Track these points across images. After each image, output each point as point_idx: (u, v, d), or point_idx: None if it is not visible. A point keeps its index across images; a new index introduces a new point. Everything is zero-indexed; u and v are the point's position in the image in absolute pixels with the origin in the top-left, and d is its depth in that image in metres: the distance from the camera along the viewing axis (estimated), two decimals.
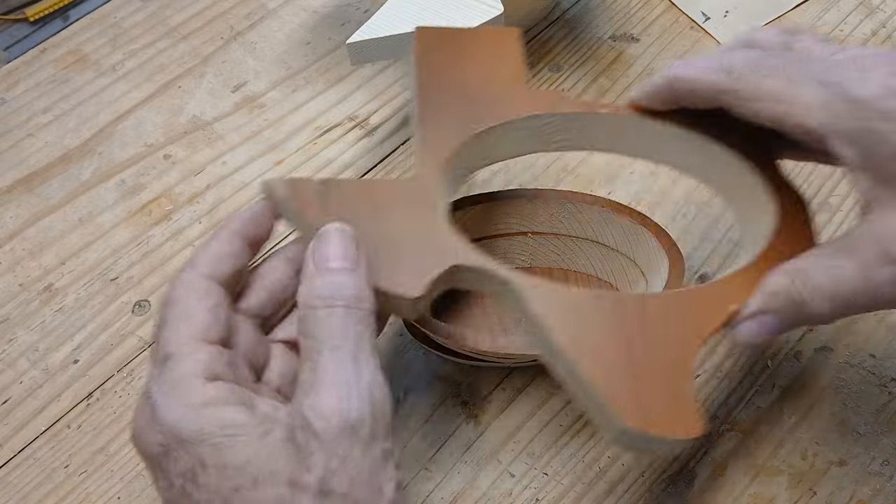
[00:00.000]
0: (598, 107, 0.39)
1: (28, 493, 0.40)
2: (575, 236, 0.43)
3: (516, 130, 0.39)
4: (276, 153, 0.51)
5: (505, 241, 0.43)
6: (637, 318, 0.32)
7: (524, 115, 0.38)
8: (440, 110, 0.38)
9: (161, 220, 0.49)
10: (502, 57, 0.40)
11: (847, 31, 0.54)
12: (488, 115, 0.38)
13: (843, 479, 0.39)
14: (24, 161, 0.52)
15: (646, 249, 0.41)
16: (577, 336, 0.31)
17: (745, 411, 0.41)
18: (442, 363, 0.42)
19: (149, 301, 0.46)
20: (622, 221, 0.42)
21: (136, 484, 0.40)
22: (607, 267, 0.43)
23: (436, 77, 0.39)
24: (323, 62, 0.55)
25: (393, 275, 0.32)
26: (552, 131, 0.39)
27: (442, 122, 0.38)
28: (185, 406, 0.28)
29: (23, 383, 0.44)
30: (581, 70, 0.54)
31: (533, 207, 0.43)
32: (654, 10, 0.56)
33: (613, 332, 0.31)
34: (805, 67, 0.31)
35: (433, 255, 0.33)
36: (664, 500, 0.39)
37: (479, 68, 0.40)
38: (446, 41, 0.41)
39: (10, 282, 0.47)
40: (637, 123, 0.38)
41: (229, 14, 0.58)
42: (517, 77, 0.40)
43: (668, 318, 0.32)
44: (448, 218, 0.35)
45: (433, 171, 0.36)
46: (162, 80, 0.55)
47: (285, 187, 0.33)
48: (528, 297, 0.32)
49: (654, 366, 0.31)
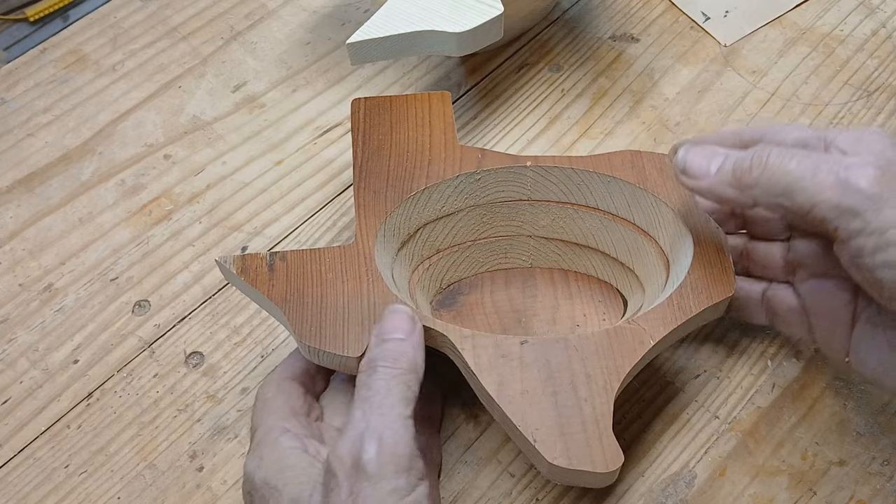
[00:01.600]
0: (523, 160, 0.42)
1: (28, 493, 0.40)
2: (576, 242, 0.43)
3: (449, 189, 0.42)
4: (276, 153, 0.51)
5: (505, 242, 0.44)
6: (561, 362, 0.35)
7: (455, 175, 0.41)
8: (376, 176, 0.41)
9: (161, 220, 0.49)
10: (434, 120, 0.44)
11: (847, 31, 0.54)
12: (421, 178, 0.41)
13: (843, 479, 0.39)
14: (24, 161, 0.52)
15: (644, 260, 0.41)
16: (506, 383, 0.34)
17: (745, 411, 0.41)
18: (443, 363, 0.42)
19: (149, 301, 0.46)
20: (623, 229, 0.42)
21: (136, 484, 0.40)
22: (607, 270, 0.43)
23: (371, 144, 0.43)
24: (323, 62, 0.55)
25: (338, 338, 0.36)
26: (483, 186, 0.42)
27: (378, 187, 0.41)
28: (258, 458, 0.34)
29: (23, 383, 0.44)
30: (581, 70, 0.54)
31: (534, 212, 0.43)
32: (654, 10, 0.56)
33: (539, 377, 0.34)
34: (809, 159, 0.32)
35: (372, 316, 0.36)
36: (664, 500, 0.39)
37: (411, 133, 0.43)
38: (380, 108, 0.44)
39: (10, 282, 0.47)
40: (560, 172, 0.42)
41: (229, 14, 0.58)
42: (448, 138, 0.43)
43: (589, 360, 0.35)
44: (400, 276, 0.39)
45: (372, 237, 0.39)
46: (162, 80, 0.55)
47: (235, 264, 0.37)
48: (461, 347, 0.35)
49: (577, 406, 0.34)
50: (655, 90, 0.53)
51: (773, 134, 0.36)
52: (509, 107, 0.52)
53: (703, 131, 0.50)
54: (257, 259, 0.38)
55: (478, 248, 0.43)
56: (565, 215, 0.43)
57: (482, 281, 0.43)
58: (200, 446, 0.41)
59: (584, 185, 0.42)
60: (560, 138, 0.51)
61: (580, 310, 0.42)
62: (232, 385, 0.43)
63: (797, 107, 0.51)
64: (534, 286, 0.43)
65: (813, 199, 0.31)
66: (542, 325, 0.41)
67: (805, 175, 0.31)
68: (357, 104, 0.44)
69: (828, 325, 0.37)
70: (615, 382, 0.34)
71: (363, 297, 0.37)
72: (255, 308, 0.45)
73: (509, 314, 0.42)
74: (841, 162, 0.31)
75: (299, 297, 0.37)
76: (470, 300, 0.43)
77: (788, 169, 0.32)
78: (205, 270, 0.47)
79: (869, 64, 0.53)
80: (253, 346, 0.44)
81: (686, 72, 0.53)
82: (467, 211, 0.42)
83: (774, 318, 0.39)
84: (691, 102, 0.52)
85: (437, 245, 0.42)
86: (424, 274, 0.42)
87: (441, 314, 0.42)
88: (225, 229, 0.48)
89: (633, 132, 0.51)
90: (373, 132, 0.43)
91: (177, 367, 0.44)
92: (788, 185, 0.32)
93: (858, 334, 0.36)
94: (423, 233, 0.42)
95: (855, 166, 0.31)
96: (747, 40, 0.55)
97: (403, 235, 0.41)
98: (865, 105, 0.51)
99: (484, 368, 0.35)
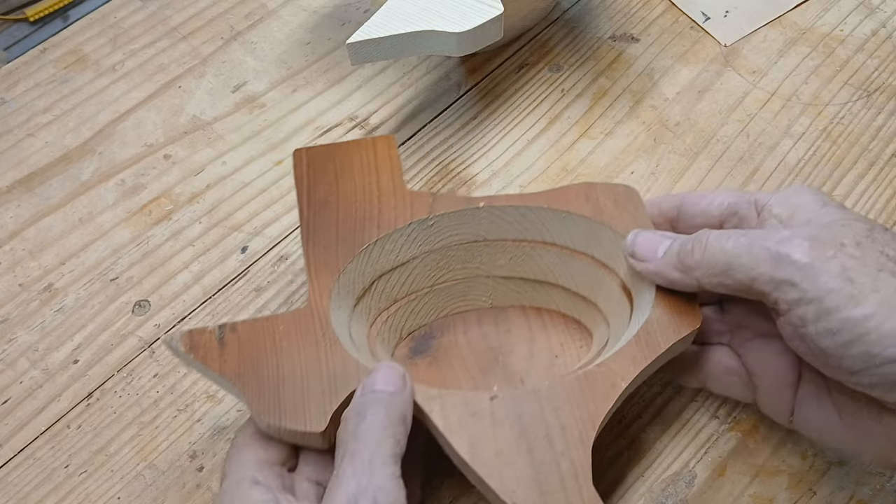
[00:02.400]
0: (475, 201, 0.41)
1: (28, 493, 0.40)
2: (535, 280, 0.42)
3: (402, 238, 0.40)
4: (276, 153, 0.51)
5: (464, 285, 0.42)
6: (533, 415, 0.33)
7: (407, 223, 0.40)
8: (325, 230, 0.39)
9: (161, 220, 0.49)
10: (380, 166, 0.42)
11: (847, 31, 0.54)
12: (373, 229, 0.39)
13: (843, 479, 0.39)
14: (24, 161, 0.52)
15: (607, 294, 0.40)
16: (478, 443, 0.32)
17: (745, 411, 0.41)
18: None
19: (149, 301, 0.46)
20: (582, 264, 0.41)
21: (136, 484, 0.40)
22: (569, 304, 0.42)
23: (317, 197, 0.41)
24: (323, 62, 0.55)
25: (298, 412, 0.33)
26: (437, 231, 0.41)
27: (328, 242, 0.39)
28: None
29: (23, 383, 0.44)
30: (581, 70, 0.54)
31: (491, 252, 0.42)
32: (654, 10, 0.56)
33: (512, 433, 0.33)
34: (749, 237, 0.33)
35: (333, 386, 0.34)
36: (664, 500, 0.39)
37: (358, 182, 0.41)
38: (324, 158, 0.42)
39: (10, 282, 0.47)
40: (514, 210, 0.41)
41: (229, 14, 0.58)
42: (396, 183, 0.41)
43: (562, 410, 0.33)
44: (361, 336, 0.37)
45: (326, 296, 0.37)
46: (162, 80, 0.55)
47: (183, 342, 0.35)
48: (429, 409, 0.33)
49: (554, 462, 0.32)
50: (655, 90, 0.53)
51: (695, 202, 0.38)
52: (509, 107, 0.52)
53: (703, 131, 0.50)
54: (206, 334, 0.35)
55: (435, 294, 0.42)
56: (523, 253, 0.41)
57: (454, 322, 0.42)
58: (200, 446, 0.41)
59: (540, 222, 0.41)
60: (560, 138, 0.51)
61: (556, 340, 0.41)
62: None
63: (797, 107, 0.51)
64: (507, 321, 0.42)
65: (750, 273, 0.32)
66: (520, 360, 0.40)
67: (741, 253, 0.32)
68: (299, 155, 0.42)
69: (771, 385, 0.36)
70: (591, 431, 0.33)
71: (322, 366, 0.35)
72: (256, 308, 0.45)
73: (486, 353, 0.40)
74: (773, 237, 0.32)
75: (254, 370, 0.34)
76: (444, 343, 0.41)
77: (725, 248, 0.33)
78: (205, 270, 0.47)
79: (869, 64, 0.53)
80: None
81: (686, 72, 0.53)
82: (422, 258, 0.41)
83: (709, 379, 0.38)
84: (691, 102, 0.52)
85: (394, 295, 0.41)
86: (383, 326, 0.40)
87: (416, 361, 0.40)
88: (225, 229, 0.48)
89: (633, 132, 0.51)
90: (318, 184, 0.41)
91: (177, 367, 0.44)
92: (727, 262, 0.33)
93: (803, 395, 0.35)
94: (379, 284, 0.40)
95: (787, 240, 0.32)
96: (747, 40, 0.55)
97: (359, 290, 0.39)
98: (865, 105, 0.51)
99: (454, 430, 0.33)
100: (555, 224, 0.40)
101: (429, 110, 0.53)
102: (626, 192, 0.40)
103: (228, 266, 0.47)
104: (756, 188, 0.48)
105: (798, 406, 0.36)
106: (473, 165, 0.50)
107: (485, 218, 0.41)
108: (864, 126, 0.50)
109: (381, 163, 0.42)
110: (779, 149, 0.50)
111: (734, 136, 0.50)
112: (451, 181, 0.49)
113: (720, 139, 0.50)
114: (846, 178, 0.48)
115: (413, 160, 0.50)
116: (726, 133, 0.50)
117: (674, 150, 0.50)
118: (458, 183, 0.49)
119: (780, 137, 0.50)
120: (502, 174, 0.49)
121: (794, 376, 0.36)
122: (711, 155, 0.49)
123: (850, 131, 0.50)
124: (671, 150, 0.50)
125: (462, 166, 0.50)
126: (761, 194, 0.36)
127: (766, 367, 0.36)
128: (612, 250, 0.39)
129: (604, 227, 0.39)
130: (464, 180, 0.49)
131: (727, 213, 0.37)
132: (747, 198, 0.36)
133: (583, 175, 0.49)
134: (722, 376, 0.38)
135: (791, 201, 0.35)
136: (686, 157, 0.50)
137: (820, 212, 0.34)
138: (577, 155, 0.50)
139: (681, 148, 0.50)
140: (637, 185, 0.48)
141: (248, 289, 0.46)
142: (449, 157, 0.50)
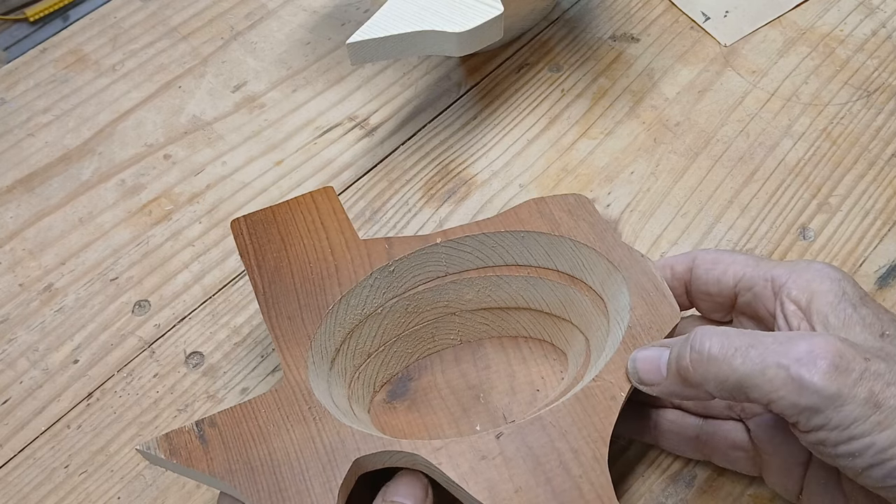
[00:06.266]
0: (431, 238, 0.40)
1: (28, 493, 0.40)
2: (504, 307, 0.41)
3: (365, 290, 0.39)
4: (276, 153, 0.51)
5: (431, 327, 0.41)
6: (543, 444, 0.32)
7: (368, 274, 0.38)
8: (284, 299, 0.38)
9: (161, 220, 0.49)
10: (325, 220, 0.40)
11: (847, 31, 0.54)
12: (333, 287, 0.38)
13: None
14: (24, 161, 0.52)
15: (579, 308, 0.39)
16: (496, 485, 0.31)
17: None
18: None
19: (149, 301, 0.46)
20: (548, 282, 0.40)
21: (136, 484, 0.40)
22: (538, 327, 0.41)
23: (267, 265, 0.39)
24: (323, 62, 0.55)
25: (303, 496, 0.31)
26: (399, 276, 0.40)
27: (291, 312, 0.37)
28: None
29: (23, 383, 0.44)
30: (581, 70, 0.54)
31: (458, 288, 0.41)
32: (654, 10, 0.56)
33: (527, 468, 0.32)
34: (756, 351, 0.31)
35: (332, 460, 0.32)
36: (664, 500, 0.39)
37: (307, 241, 0.40)
38: (264, 223, 0.40)
39: (10, 282, 0.47)
40: (472, 240, 0.40)
41: (229, 14, 0.58)
42: (347, 235, 0.40)
43: (570, 433, 0.32)
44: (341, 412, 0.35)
45: (302, 368, 0.35)
46: (162, 80, 0.55)
47: (162, 448, 0.33)
48: (437, 462, 0.32)
49: (576, 487, 0.31)
50: (655, 90, 0.53)
51: (708, 268, 0.36)
52: (509, 107, 0.52)
53: (703, 131, 0.50)
54: (184, 434, 0.33)
55: (403, 342, 0.40)
56: (489, 283, 0.40)
57: (430, 362, 0.41)
58: None
59: (499, 247, 0.40)
60: (560, 138, 0.51)
61: (536, 372, 0.40)
62: (232, 385, 0.43)
63: (797, 107, 0.51)
64: (485, 356, 0.41)
65: (768, 396, 0.30)
66: (501, 397, 0.39)
67: (754, 373, 0.30)
68: (237, 225, 0.40)
69: (781, 463, 0.35)
70: (603, 448, 0.32)
71: (316, 441, 0.33)
72: (256, 308, 0.45)
73: (466, 392, 0.39)
74: (789, 352, 0.30)
75: (245, 462, 0.32)
76: (422, 385, 0.40)
77: (734, 366, 0.30)
78: (205, 270, 0.47)
79: (869, 64, 0.53)
80: (253, 346, 0.44)
81: (686, 72, 0.53)
82: (390, 305, 0.40)
83: (713, 453, 0.37)
84: (691, 102, 0.52)
85: (367, 350, 0.39)
86: (356, 384, 0.39)
87: (394, 405, 0.39)
88: (225, 229, 0.48)
89: (633, 132, 0.51)
90: (265, 252, 0.39)
91: (177, 367, 0.44)
92: (738, 381, 0.30)
93: (813, 476, 0.35)
94: (350, 342, 0.39)
95: (807, 360, 0.29)
96: (747, 40, 0.55)
97: (331, 352, 0.38)
98: (865, 105, 0.51)
99: (469, 477, 0.31)
100: (514, 246, 0.40)
101: (429, 110, 0.53)
102: (577, 201, 0.40)
103: (228, 266, 0.47)
104: (756, 188, 0.48)
105: (807, 486, 0.35)
106: (473, 165, 0.50)
107: (444, 253, 0.40)
108: (864, 126, 0.50)
109: (326, 217, 0.40)
110: (779, 149, 0.50)
111: (734, 136, 0.50)
112: (451, 181, 0.49)
113: (720, 139, 0.50)
114: (846, 178, 0.48)
115: (413, 160, 0.50)
116: (726, 133, 0.50)
117: (674, 150, 0.50)
118: (459, 183, 0.49)
119: (780, 137, 0.50)
120: (502, 174, 0.49)
121: (806, 455, 0.34)
122: (711, 155, 0.50)
123: (850, 131, 0.50)
124: (671, 150, 0.50)
125: (462, 166, 0.50)
126: (777, 270, 0.34)
127: (778, 446, 0.35)
128: (575, 261, 0.39)
129: (563, 240, 0.39)
130: (464, 180, 0.49)
131: (742, 287, 0.35)
132: (763, 273, 0.35)
133: (583, 175, 0.49)
134: (728, 451, 0.37)
135: (811, 287, 0.33)
136: (686, 157, 0.50)
137: (838, 308, 0.32)
138: (577, 155, 0.50)
139: (681, 148, 0.50)
140: (637, 185, 0.48)
141: (248, 289, 0.46)
142: (449, 157, 0.50)
